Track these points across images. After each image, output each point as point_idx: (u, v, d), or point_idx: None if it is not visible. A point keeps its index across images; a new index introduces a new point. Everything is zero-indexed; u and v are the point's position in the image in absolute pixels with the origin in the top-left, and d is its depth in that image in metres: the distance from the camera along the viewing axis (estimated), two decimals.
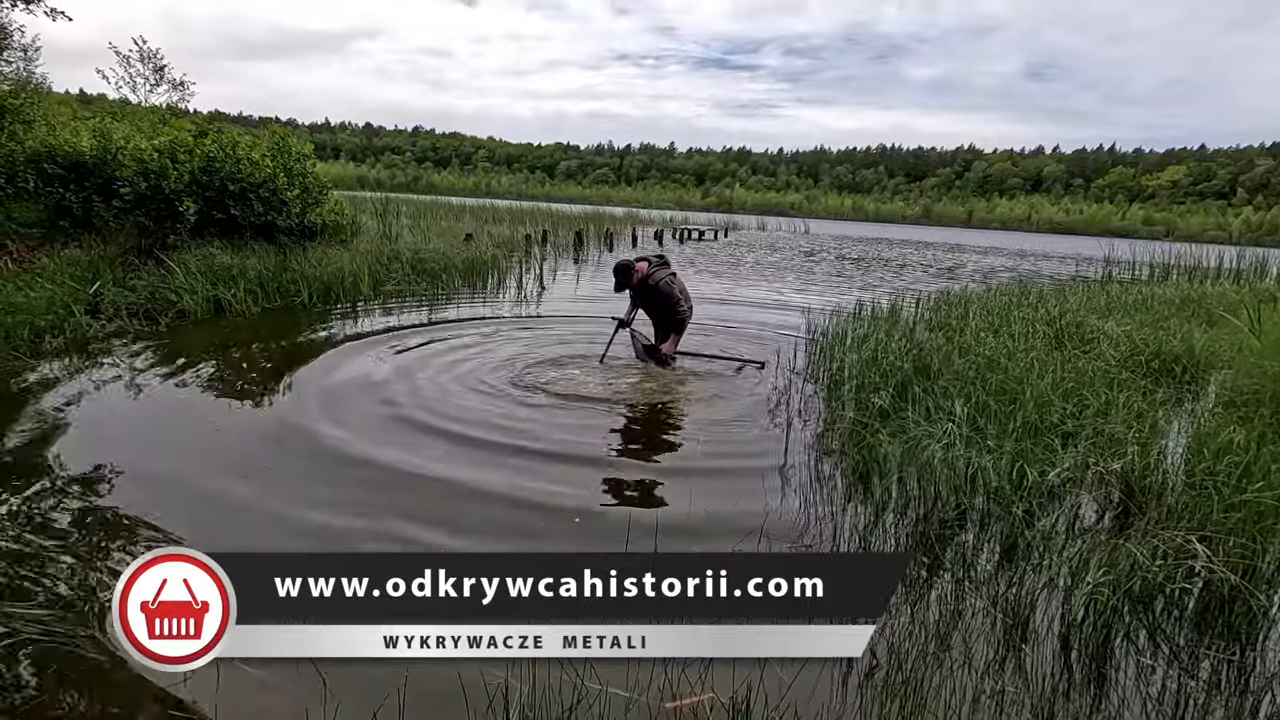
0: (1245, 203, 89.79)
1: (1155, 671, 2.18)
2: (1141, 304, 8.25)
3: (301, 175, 9.23)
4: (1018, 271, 19.21)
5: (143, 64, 13.70)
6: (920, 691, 1.97)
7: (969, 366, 4.53)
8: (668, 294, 5.47)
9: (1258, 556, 2.50)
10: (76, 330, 5.77)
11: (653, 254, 5.93)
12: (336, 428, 4.04)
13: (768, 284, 13.18)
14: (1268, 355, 5.02)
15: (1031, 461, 3.22)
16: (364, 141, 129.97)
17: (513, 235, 16.14)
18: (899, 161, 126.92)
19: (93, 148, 8.47)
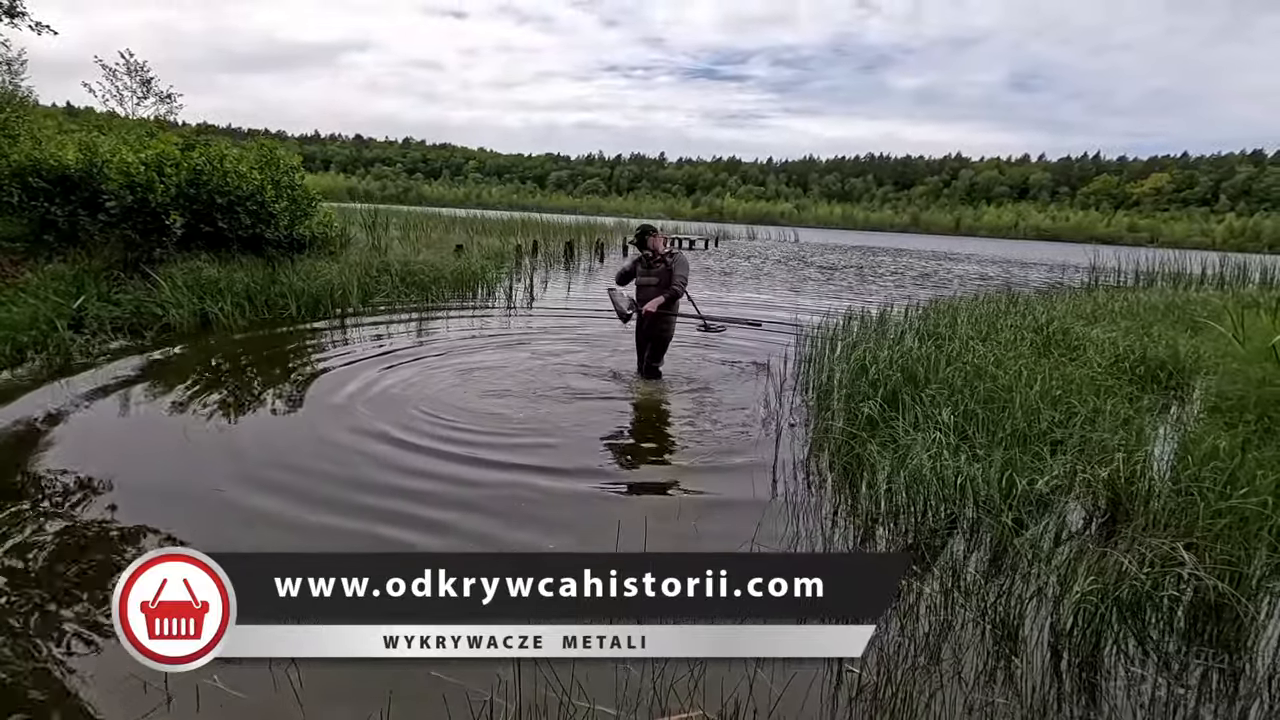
0: (1228, 209, 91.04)
1: (1145, 680, 2.18)
2: (1127, 310, 8.33)
3: (290, 187, 9.20)
4: (1006, 279, 19.36)
5: (129, 77, 13.69)
6: (911, 704, 1.96)
7: (956, 374, 4.55)
8: (682, 265, 5.46)
9: (1244, 563, 2.51)
10: (60, 345, 5.71)
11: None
12: (325, 437, 4.00)
13: (757, 291, 13.22)
14: (1251, 361, 5.07)
15: (1020, 470, 3.22)
16: (354, 153, 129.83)
17: (503, 246, 16.13)
18: (887, 170, 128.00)
19: (78, 161, 8.41)
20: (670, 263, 5.45)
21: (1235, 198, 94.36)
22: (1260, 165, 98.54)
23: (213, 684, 1.94)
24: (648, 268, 5.52)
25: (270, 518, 3.07)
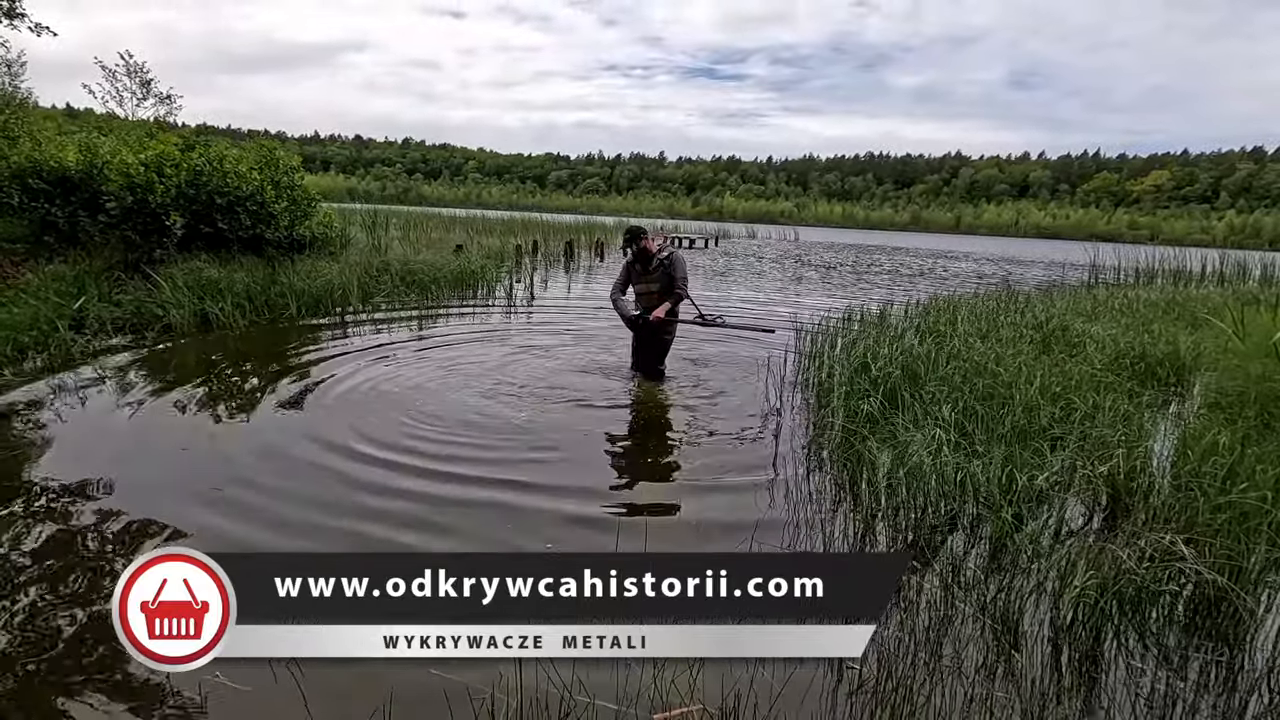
0: (1228, 206, 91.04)
1: (1145, 674, 2.18)
2: (1127, 308, 8.33)
3: (290, 188, 9.20)
4: (1005, 276, 19.35)
5: (129, 78, 13.69)
6: (911, 699, 1.96)
7: (956, 372, 4.55)
8: (681, 265, 5.21)
9: (1243, 557, 2.52)
10: (61, 346, 5.72)
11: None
12: (326, 439, 4.01)
13: (757, 290, 13.23)
14: (1251, 357, 5.08)
15: (1020, 466, 3.23)
16: (354, 154, 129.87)
17: (503, 246, 16.14)
18: (887, 169, 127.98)
19: (78, 162, 8.42)
20: (668, 265, 5.20)
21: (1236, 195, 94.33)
22: (1260, 162, 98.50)
23: (213, 684, 1.94)
24: (645, 272, 5.25)
25: (266, 519, 3.07)
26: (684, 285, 5.21)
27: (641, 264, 5.25)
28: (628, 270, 5.31)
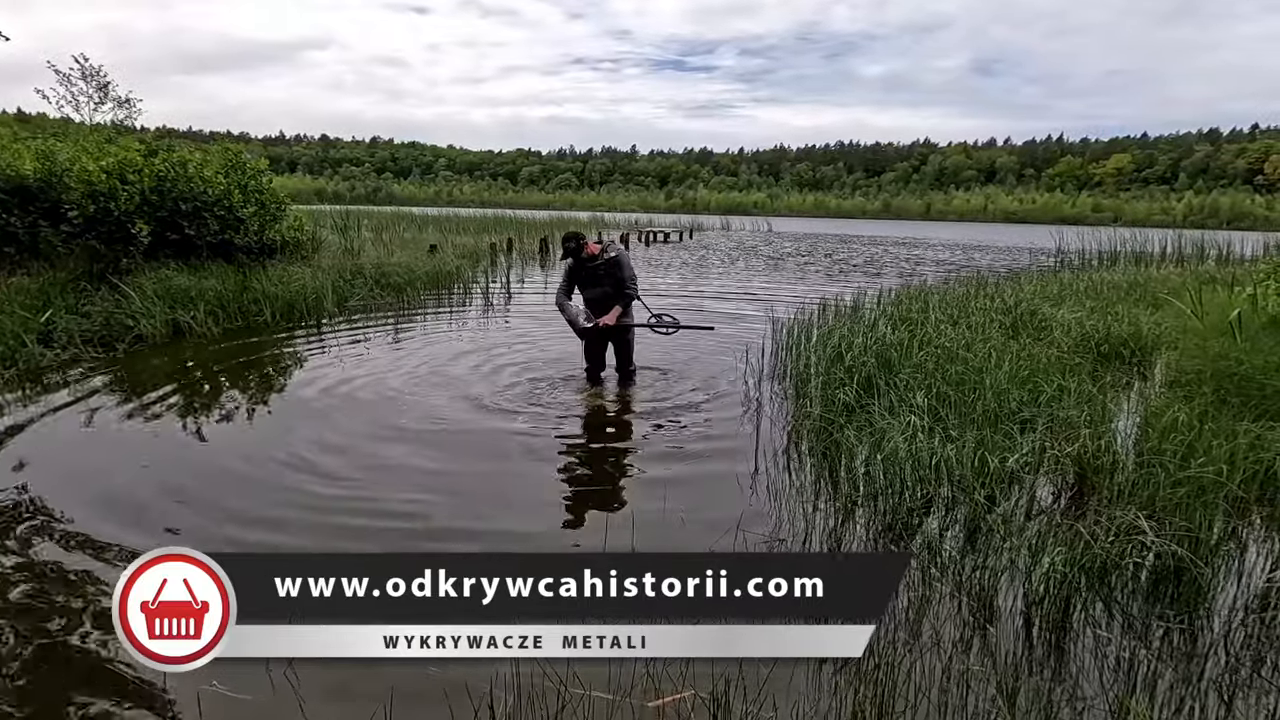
0: (1187, 187, 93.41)
1: (1111, 642, 2.30)
2: (1091, 290, 8.56)
3: (258, 191, 9.06)
4: (974, 263, 19.70)
5: (85, 82, 13.32)
6: (893, 674, 2.05)
7: (929, 358, 4.67)
8: (627, 264, 5.02)
9: (1202, 529, 2.65)
10: (29, 360, 5.60)
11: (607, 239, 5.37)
12: (306, 445, 4.00)
13: (734, 280, 13.32)
14: (1209, 335, 5.28)
15: (992, 449, 3.34)
16: (320, 154, 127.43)
17: (477, 244, 16.04)
18: (857, 157, 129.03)
19: (36, 170, 8.19)
20: (614, 265, 4.98)
21: (1194, 176, 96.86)
22: (1216, 144, 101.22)
23: (213, 684, 1.96)
24: (591, 275, 5.05)
25: (258, 525, 3.07)
26: (633, 285, 5.03)
27: (588, 267, 5.04)
28: (571, 274, 5.11)
